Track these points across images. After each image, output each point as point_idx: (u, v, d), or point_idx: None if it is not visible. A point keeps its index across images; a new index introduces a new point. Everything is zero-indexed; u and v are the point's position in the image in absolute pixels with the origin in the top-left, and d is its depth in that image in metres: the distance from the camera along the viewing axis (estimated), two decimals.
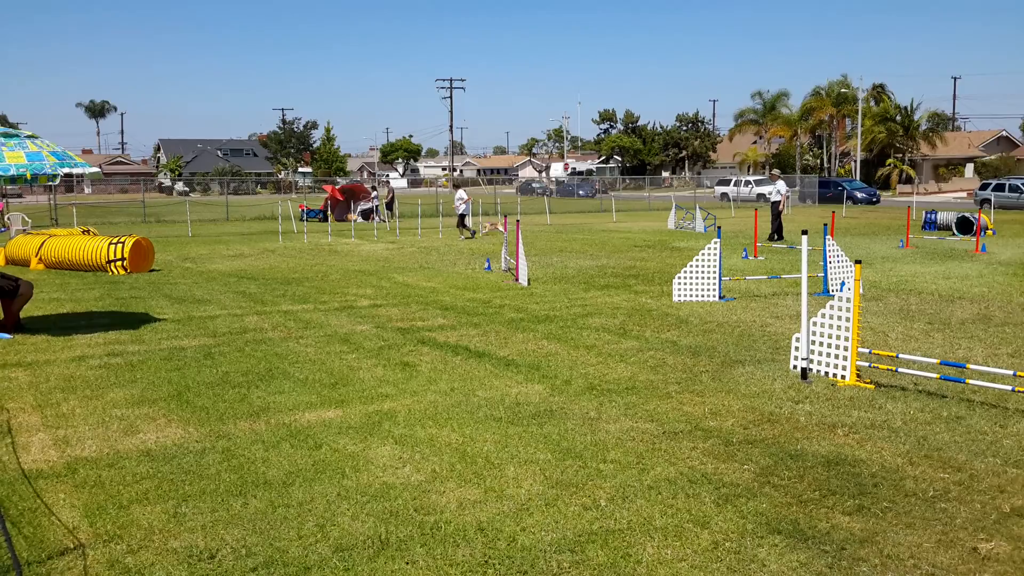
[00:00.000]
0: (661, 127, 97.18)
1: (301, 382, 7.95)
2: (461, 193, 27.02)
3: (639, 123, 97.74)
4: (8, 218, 29.92)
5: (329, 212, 35.68)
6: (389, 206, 36.96)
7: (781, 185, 24.39)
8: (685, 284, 12.86)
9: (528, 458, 5.82)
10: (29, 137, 10.16)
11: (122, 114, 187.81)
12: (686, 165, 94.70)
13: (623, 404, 7.15)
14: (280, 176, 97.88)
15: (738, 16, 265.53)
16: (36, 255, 18.12)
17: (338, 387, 7.76)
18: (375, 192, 38.83)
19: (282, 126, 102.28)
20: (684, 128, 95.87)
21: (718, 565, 4.24)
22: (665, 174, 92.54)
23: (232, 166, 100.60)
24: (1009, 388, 7.14)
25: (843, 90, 71.67)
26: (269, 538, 4.57)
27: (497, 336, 10.13)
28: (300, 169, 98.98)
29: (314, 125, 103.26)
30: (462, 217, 26.68)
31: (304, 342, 9.83)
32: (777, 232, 23.94)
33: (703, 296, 12.79)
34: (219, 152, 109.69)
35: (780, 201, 24.07)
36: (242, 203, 53.71)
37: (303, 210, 34.94)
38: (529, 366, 8.57)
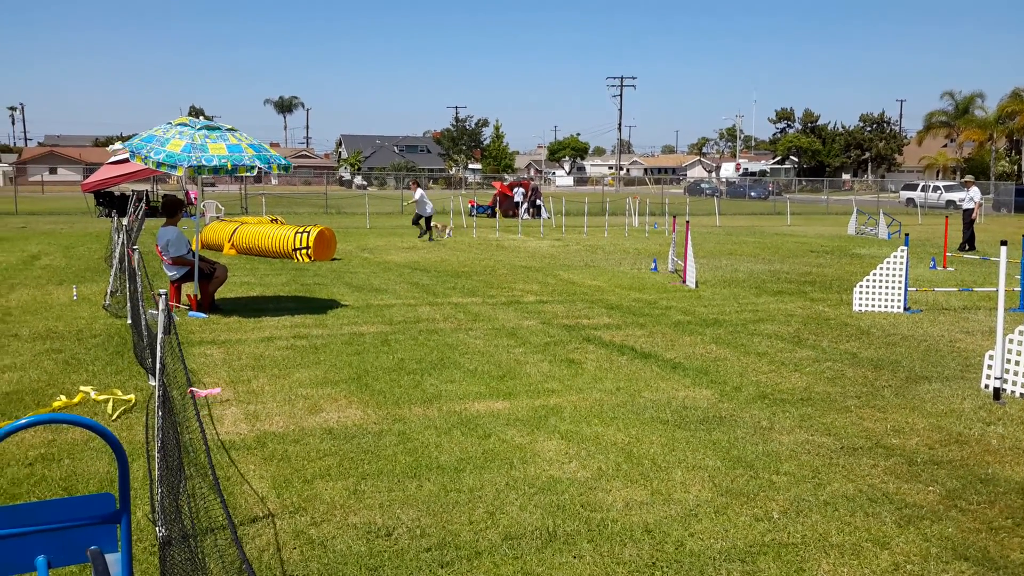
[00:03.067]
0: (843, 127, 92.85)
1: (471, 372, 8.17)
2: (420, 192, 25.03)
3: (819, 123, 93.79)
4: (203, 205, 32.33)
5: (497, 208, 36.36)
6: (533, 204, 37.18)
7: (975, 192, 22.81)
8: (867, 293, 12.26)
9: (696, 463, 5.74)
10: (229, 130, 10.94)
11: (308, 110, 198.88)
12: (868, 168, 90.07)
13: (797, 415, 6.92)
14: (451, 172, 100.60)
15: (930, 9, 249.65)
16: (228, 241, 19.48)
17: (506, 379, 7.92)
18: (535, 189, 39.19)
19: (455, 124, 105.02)
20: (868, 129, 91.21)
21: None
22: (845, 176, 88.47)
23: (407, 162, 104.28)
24: None
25: None
26: (442, 521, 4.73)
27: (663, 338, 10.03)
28: (470, 166, 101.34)
29: (485, 123, 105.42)
30: (421, 218, 25.21)
31: (473, 334, 10.08)
32: (969, 242, 22.40)
33: (887, 307, 12.14)
34: (395, 148, 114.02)
35: (973, 209, 22.51)
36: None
37: (472, 206, 35.79)
38: (697, 370, 8.43)
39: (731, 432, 6.44)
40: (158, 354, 4.59)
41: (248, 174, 10.93)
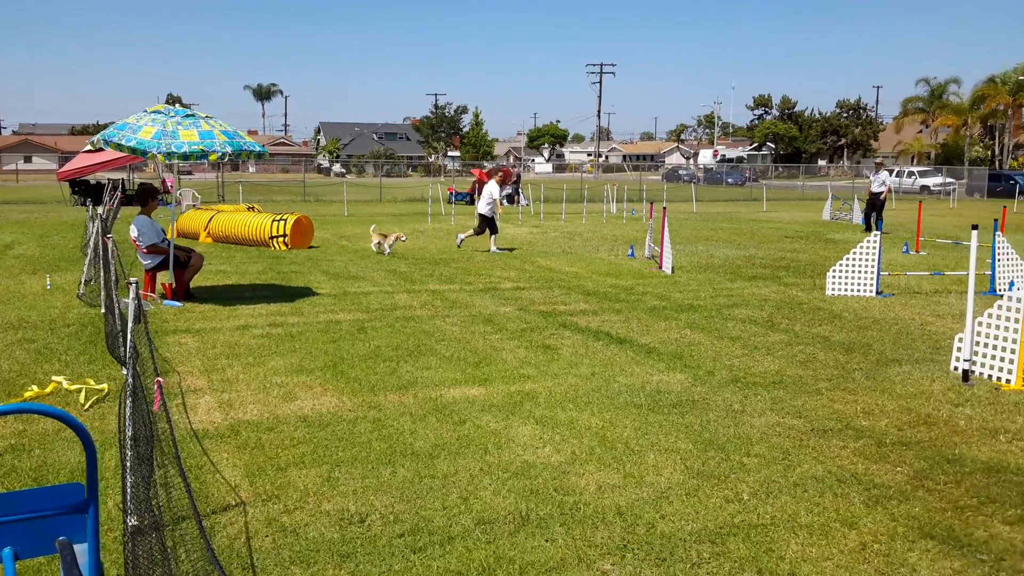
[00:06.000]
0: (819, 113, 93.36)
1: (447, 359, 8.18)
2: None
3: (796, 109, 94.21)
4: (180, 194, 32.06)
5: (476, 195, 36.29)
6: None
7: (884, 175, 23.14)
8: (840, 278, 12.38)
9: (669, 447, 5.79)
10: (204, 118, 10.86)
11: (286, 97, 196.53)
12: (844, 154, 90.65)
13: (769, 398, 6.99)
14: (430, 159, 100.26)
15: None
16: (205, 229, 19.35)
17: (482, 366, 7.94)
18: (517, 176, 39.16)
19: (434, 111, 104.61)
20: (844, 115, 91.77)
21: (865, 567, 4.10)
22: (821, 163, 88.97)
23: (386, 149, 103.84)
24: None
25: (1021, 78, 66.69)
26: (415, 506, 4.75)
27: (639, 323, 10.08)
28: (449, 153, 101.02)
29: (464, 110, 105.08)
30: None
31: (450, 321, 10.09)
32: (876, 224, 22.72)
33: (859, 291, 12.27)
34: (374, 135, 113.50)
35: (883, 192, 22.73)
36: (394, 185, 55.44)
37: (451, 193, 35.72)
38: (671, 355, 8.49)
39: (704, 415, 6.50)
40: (128, 343, 4.56)
41: (220, 160, 10.86)
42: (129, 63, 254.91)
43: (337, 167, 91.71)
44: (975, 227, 8.08)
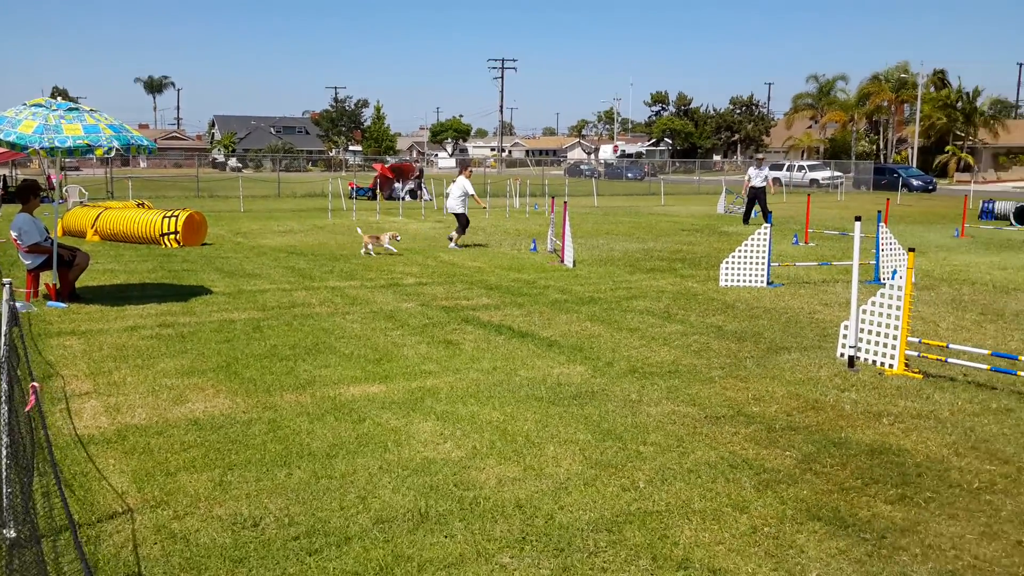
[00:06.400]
0: (714, 110, 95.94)
1: (346, 357, 8.05)
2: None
3: (692, 106, 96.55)
4: (66, 190, 30.65)
5: (378, 190, 35.93)
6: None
7: (766, 169, 24.18)
8: (733, 269, 12.74)
9: (568, 438, 5.84)
10: (89, 111, 10.39)
11: (179, 90, 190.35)
12: (738, 149, 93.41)
13: (665, 387, 7.13)
14: (331, 154, 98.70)
15: None
16: (92, 227, 18.54)
17: (382, 363, 7.85)
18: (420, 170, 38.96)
19: (334, 104, 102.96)
20: (738, 111, 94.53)
21: (755, 550, 4.23)
22: (717, 158, 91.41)
23: (284, 143, 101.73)
24: None
25: (903, 75, 70.02)
26: (311, 508, 4.66)
27: (541, 317, 10.15)
28: (350, 147, 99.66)
29: (365, 103, 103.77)
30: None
31: (350, 318, 9.94)
32: (752, 216, 23.64)
33: (751, 281, 12.65)
34: (272, 129, 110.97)
35: (765, 186, 23.69)
36: (293, 180, 54.39)
37: (352, 188, 35.23)
38: (572, 347, 8.57)
39: (602, 406, 6.58)
40: (1, 347, 4.32)
41: (108, 156, 10.41)
42: (9, 54, 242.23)
43: (233, 162, 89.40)
44: (858, 219, 8.42)
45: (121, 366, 7.64)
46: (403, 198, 34.52)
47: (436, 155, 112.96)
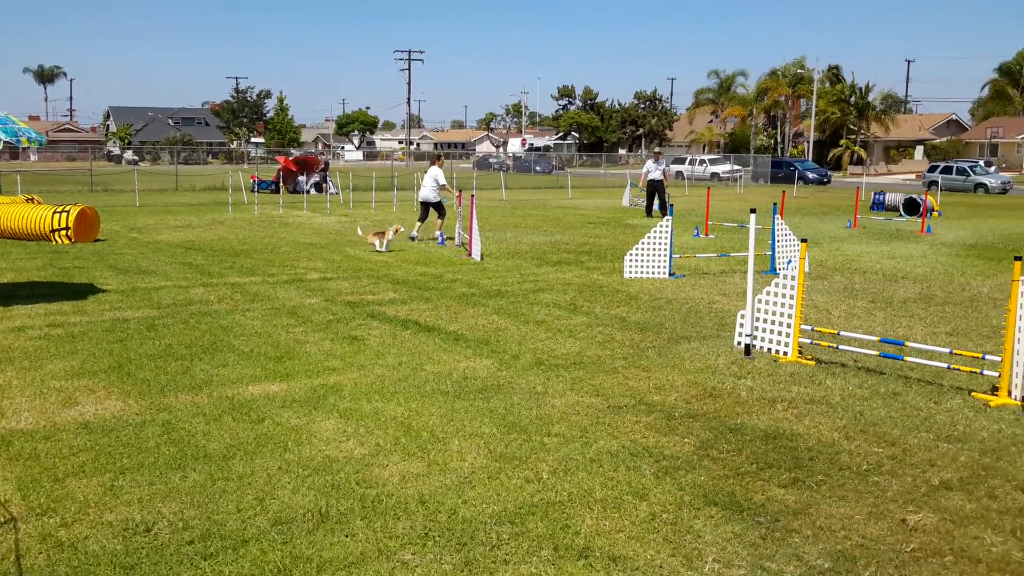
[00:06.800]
0: (619, 104, 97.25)
1: (246, 355, 7.86)
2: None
3: (597, 100, 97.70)
4: None
5: (281, 183, 35.21)
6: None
7: (662, 162, 24.78)
8: (636, 261, 12.95)
9: (473, 432, 5.84)
10: None
11: (71, 80, 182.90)
12: (643, 143, 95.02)
13: (570, 379, 7.20)
14: (232, 146, 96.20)
15: None
16: None
17: (284, 360, 7.69)
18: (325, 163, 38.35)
19: (235, 95, 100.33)
20: (642, 106, 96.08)
21: (654, 536, 4.31)
22: (622, 151, 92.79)
23: (183, 135, 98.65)
24: (945, 366, 7.33)
25: (799, 71, 72.43)
26: (207, 511, 4.53)
27: (447, 311, 10.12)
28: (252, 139, 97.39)
29: (267, 94, 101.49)
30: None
31: (251, 315, 9.71)
32: (660, 207, 24.14)
33: (653, 273, 12.89)
34: (170, 121, 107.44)
35: (662, 179, 24.29)
36: (192, 173, 52.70)
37: (254, 181, 34.41)
38: (478, 341, 8.57)
39: (508, 399, 6.60)
40: None
41: None
42: None
43: (129, 154, 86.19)
44: (753, 211, 8.66)
45: (6, 368, 7.28)
46: (308, 191, 33.94)
47: (342, 147, 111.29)
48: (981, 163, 49.69)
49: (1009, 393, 6.63)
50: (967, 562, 4.10)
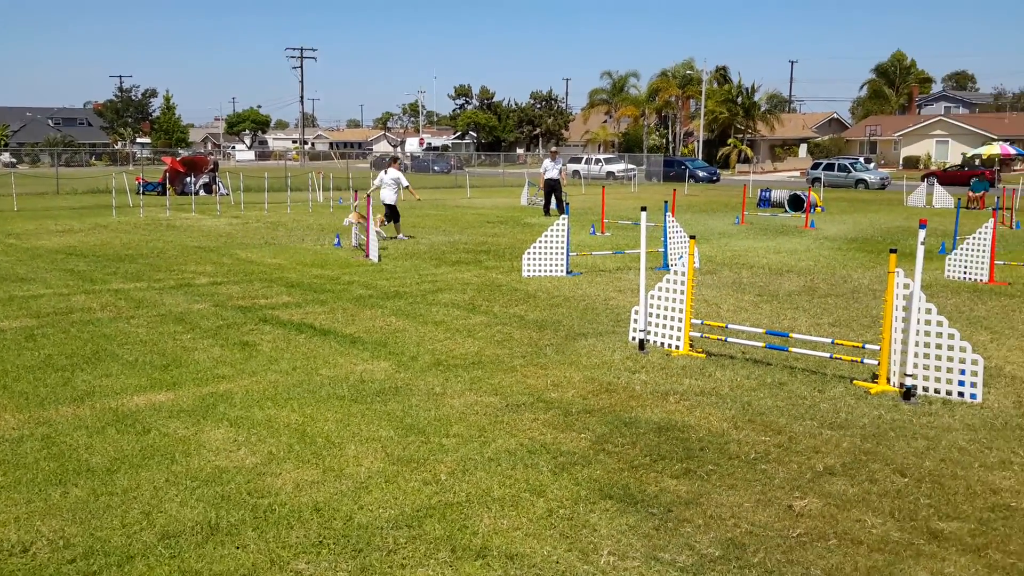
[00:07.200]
0: (516, 104, 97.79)
1: (130, 364, 7.56)
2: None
3: (494, 100, 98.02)
4: None
5: (168, 185, 34.05)
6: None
7: (559, 161, 25.24)
8: (534, 260, 13.05)
9: (370, 436, 5.77)
10: None
11: None
12: (540, 142, 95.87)
13: (468, 379, 7.19)
14: (116, 147, 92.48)
15: None
16: None
17: (171, 369, 7.43)
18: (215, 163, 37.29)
19: (119, 94, 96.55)
20: (538, 106, 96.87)
21: (551, 532, 4.34)
22: (520, 151, 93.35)
23: (64, 136, 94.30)
24: (828, 355, 7.64)
25: (688, 72, 74.26)
26: (90, 528, 4.33)
27: (344, 313, 9.97)
28: (138, 140, 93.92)
29: (153, 93, 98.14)
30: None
31: (136, 322, 9.35)
32: (556, 206, 24.50)
33: (551, 271, 13.01)
34: (50, 121, 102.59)
35: (558, 177, 24.65)
36: (74, 175, 50.38)
37: (140, 183, 33.18)
38: (376, 343, 8.48)
39: (406, 401, 6.55)
40: None
41: None
42: None
43: (6, 156, 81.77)
44: (643, 209, 8.85)
45: None
46: (196, 193, 32.91)
47: (233, 147, 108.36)
48: (861, 160, 52.19)
49: (888, 380, 6.96)
50: (850, 544, 4.28)
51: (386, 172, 18.33)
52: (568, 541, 4.25)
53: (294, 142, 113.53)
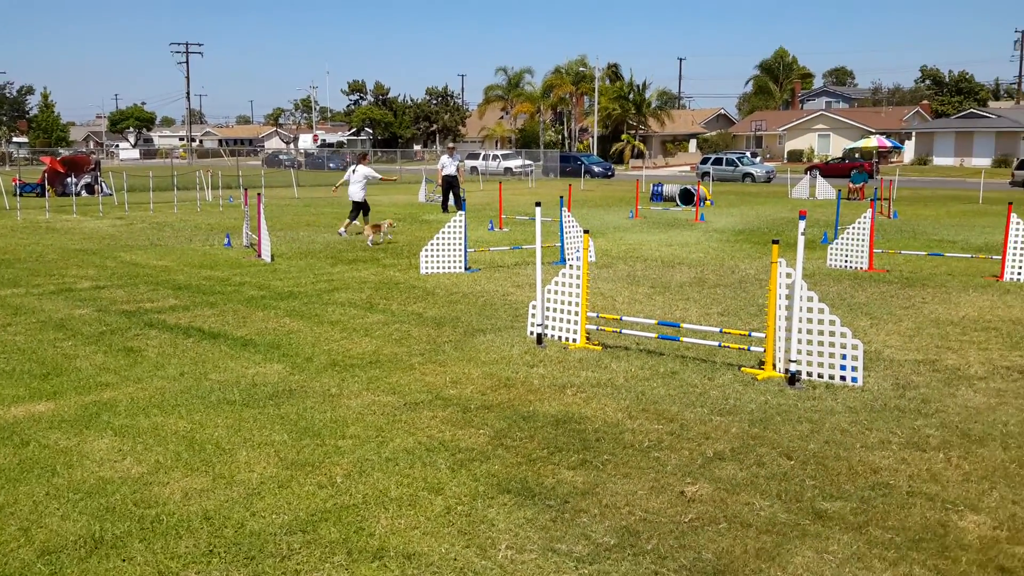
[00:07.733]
0: (412, 100, 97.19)
1: (7, 374, 7.18)
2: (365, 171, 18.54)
3: (390, 95, 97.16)
4: None
5: (48, 186, 32.44)
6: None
7: (456, 157, 25.38)
8: (432, 257, 12.99)
9: (263, 440, 5.63)
10: None
11: None
12: (437, 139, 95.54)
13: (366, 378, 7.11)
14: None
15: None
16: None
17: (51, 378, 7.08)
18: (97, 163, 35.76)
19: None
20: (434, 102, 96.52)
21: (449, 529, 4.33)
22: (417, 147, 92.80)
23: None
24: (717, 344, 7.87)
25: (581, 69, 75.25)
26: None
27: (235, 315, 9.71)
28: (14, 139, 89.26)
29: (30, 90, 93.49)
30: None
31: (13, 330, 8.88)
32: (453, 202, 24.57)
33: (449, 268, 12.99)
34: None
35: (455, 173, 24.76)
36: None
37: (17, 184, 31.51)
38: (268, 345, 8.29)
39: (300, 403, 6.43)
40: None
41: None
42: None
43: None
44: (538, 204, 8.92)
45: None
46: (78, 194, 31.48)
47: (117, 146, 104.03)
48: (748, 154, 53.92)
49: (774, 366, 7.22)
50: (739, 527, 4.41)
51: (354, 170, 18.43)
52: (466, 538, 4.25)
53: (181, 139, 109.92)
